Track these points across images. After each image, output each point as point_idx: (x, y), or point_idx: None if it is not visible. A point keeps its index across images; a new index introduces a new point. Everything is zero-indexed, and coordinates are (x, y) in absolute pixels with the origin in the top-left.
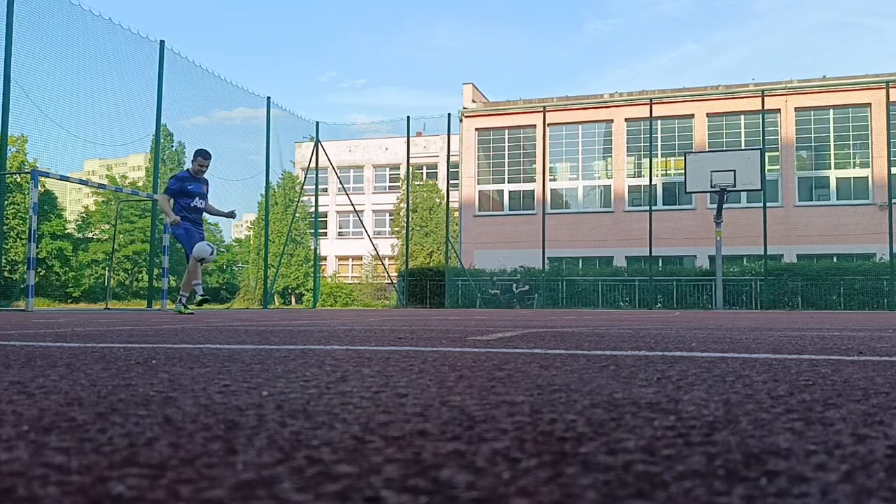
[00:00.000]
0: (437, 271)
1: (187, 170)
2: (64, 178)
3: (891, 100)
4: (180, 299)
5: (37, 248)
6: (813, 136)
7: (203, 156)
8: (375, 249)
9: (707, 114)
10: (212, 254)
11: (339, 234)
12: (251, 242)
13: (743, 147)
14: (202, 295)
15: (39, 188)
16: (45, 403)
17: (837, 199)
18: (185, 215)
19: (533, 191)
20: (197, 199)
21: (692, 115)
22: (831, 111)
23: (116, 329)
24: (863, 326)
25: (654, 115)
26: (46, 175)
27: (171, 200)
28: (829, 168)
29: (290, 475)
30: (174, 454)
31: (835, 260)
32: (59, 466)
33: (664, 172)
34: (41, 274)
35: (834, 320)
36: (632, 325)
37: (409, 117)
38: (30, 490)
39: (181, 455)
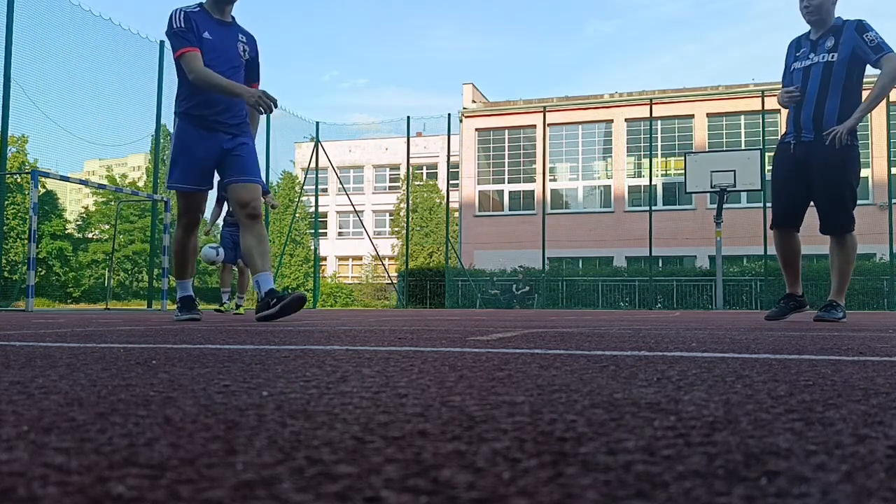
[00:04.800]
0: (437, 271)
1: None
2: (64, 179)
3: (891, 100)
4: (237, 300)
5: (37, 248)
6: None
7: None
8: (375, 249)
9: (707, 114)
10: (217, 255)
11: (339, 234)
12: None
13: (743, 147)
14: (223, 304)
15: (40, 188)
16: (45, 403)
17: None
18: (227, 219)
19: (533, 191)
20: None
21: (692, 115)
22: None
23: (116, 329)
24: (863, 326)
25: (654, 115)
26: (47, 175)
27: (224, 206)
28: None
29: (290, 475)
30: (174, 454)
31: None
32: (59, 466)
33: (664, 172)
34: (41, 274)
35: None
36: (632, 325)
37: (409, 117)
38: (30, 490)
39: (181, 455)
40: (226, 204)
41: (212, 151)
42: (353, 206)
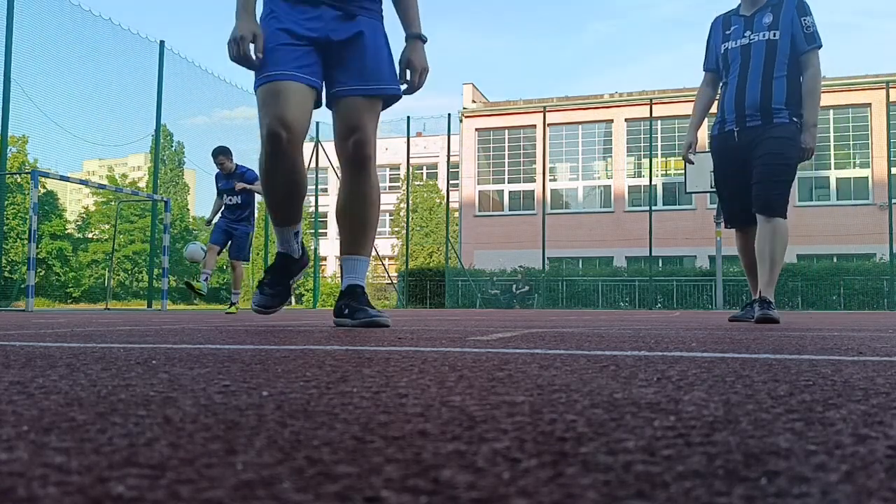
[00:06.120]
0: (437, 271)
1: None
2: (64, 179)
3: (891, 100)
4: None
5: (37, 248)
6: None
7: (213, 154)
8: (375, 250)
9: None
10: (203, 255)
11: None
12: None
13: None
14: (198, 282)
15: (40, 188)
16: (45, 403)
17: (837, 200)
18: (223, 214)
19: (533, 191)
20: (225, 196)
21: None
22: (831, 111)
23: (116, 329)
24: (863, 326)
25: (654, 115)
26: (46, 175)
27: (222, 198)
28: (829, 168)
29: (290, 475)
30: (174, 454)
31: (835, 260)
32: (59, 466)
33: (664, 172)
34: (41, 274)
35: (834, 320)
36: (632, 325)
37: (409, 117)
38: (30, 490)
39: (181, 455)
40: (224, 197)
41: (315, 30)
42: None
